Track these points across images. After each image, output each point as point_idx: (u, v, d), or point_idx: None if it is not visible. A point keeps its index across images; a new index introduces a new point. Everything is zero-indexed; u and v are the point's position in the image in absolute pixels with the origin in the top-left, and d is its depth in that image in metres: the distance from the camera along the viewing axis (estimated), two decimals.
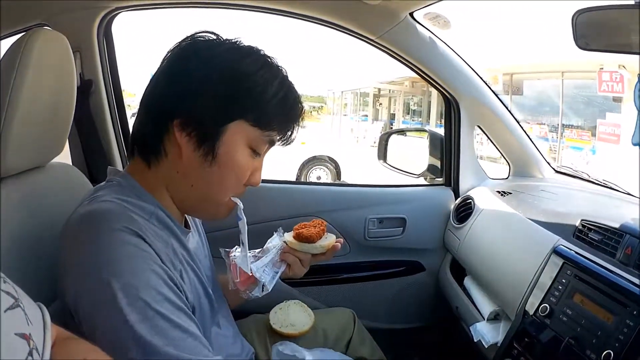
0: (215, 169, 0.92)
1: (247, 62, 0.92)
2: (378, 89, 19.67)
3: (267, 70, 0.93)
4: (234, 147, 0.92)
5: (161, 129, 0.92)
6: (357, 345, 1.53)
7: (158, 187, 0.95)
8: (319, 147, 10.25)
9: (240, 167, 0.95)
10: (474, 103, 2.04)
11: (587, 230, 1.36)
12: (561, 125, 11.09)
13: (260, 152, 0.98)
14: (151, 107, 0.95)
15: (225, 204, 1.00)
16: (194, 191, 0.95)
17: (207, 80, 0.89)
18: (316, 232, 1.21)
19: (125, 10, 1.81)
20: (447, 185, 2.18)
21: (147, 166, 0.95)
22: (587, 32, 1.31)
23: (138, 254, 0.78)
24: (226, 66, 0.90)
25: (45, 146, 1.08)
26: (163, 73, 0.94)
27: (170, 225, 0.95)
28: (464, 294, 1.82)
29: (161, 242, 0.86)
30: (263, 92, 0.91)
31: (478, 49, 10.59)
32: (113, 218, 0.80)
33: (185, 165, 0.92)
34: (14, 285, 0.55)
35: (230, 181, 0.96)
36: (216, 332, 1.08)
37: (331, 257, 1.24)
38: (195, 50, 0.93)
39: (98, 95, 1.83)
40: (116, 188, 0.92)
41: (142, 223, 0.83)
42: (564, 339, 1.16)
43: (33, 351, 0.51)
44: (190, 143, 0.90)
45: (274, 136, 0.97)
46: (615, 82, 8.79)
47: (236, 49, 0.94)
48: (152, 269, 0.79)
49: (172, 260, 0.87)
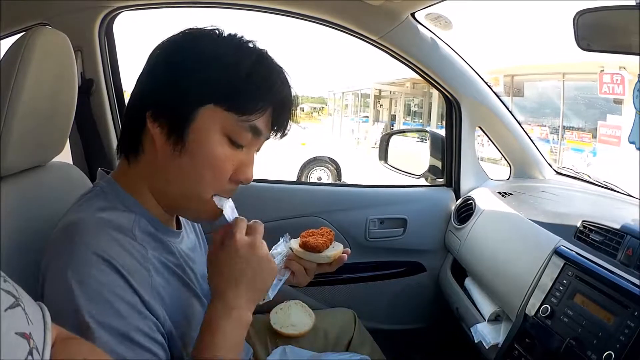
0: (187, 160, 0.87)
1: (219, 44, 0.88)
2: (379, 90, 19.64)
3: (239, 51, 0.88)
4: (205, 135, 0.86)
5: (137, 124, 0.89)
6: (357, 346, 1.53)
7: (140, 187, 0.93)
8: (319, 148, 10.24)
9: (215, 158, 0.88)
10: (475, 104, 2.04)
11: (588, 231, 1.36)
12: (562, 126, 11.09)
13: (242, 143, 0.90)
14: (131, 106, 0.93)
15: (208, 202, 0.92)
16: (170, 186, 0.91)
17: (175, 68, 0.86)
18: (323, 241, 1.17)
19: (126, 9, 1.81)
20: (448, 186, 2.18)
21: (128, 165, 0.94)
22: (588, 33, 1.31)
23: (106, 282, 0.78)
24: (195, 51, 0.87)
25: (46, 145, 1.08)
26: (141, 73, 0.93)
27: (154, 233, 0.93)
28: (465, 295, 1.82)
29: (134, 258, 0.84)
30: (235, 73, 0.86)
31: (479, 50, 10.59)
32: (86, 241, 0.79)
33: (160, 159, 0.88)
34: (14, 284, 0.54)
35: (207, 174, 0.89)
36: None
37: (336, 268, 1.20)
38: (169, 43, 0.91)
39: (99, 95, 1.83)
40: (100, 196, 0.90)
41: (115, 243, 0.82)
42: (564, 339, 1.15)
43: (33, 350, 0.50)
44: (162, 134, 0.86)
45: (253, 121, 0.88)
46: (616, 84, 8.78)
47: (207, 36, 0.90)
48: (117, 296, 0.78)
49: (144, 276, 0.84)
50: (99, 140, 1.83)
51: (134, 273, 0.81)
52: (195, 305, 0.98)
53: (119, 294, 0.78)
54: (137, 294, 0.81)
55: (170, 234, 0.98)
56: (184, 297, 0.95)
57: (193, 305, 0.98)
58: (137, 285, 0.81)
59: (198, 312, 0.99)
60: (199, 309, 0.99)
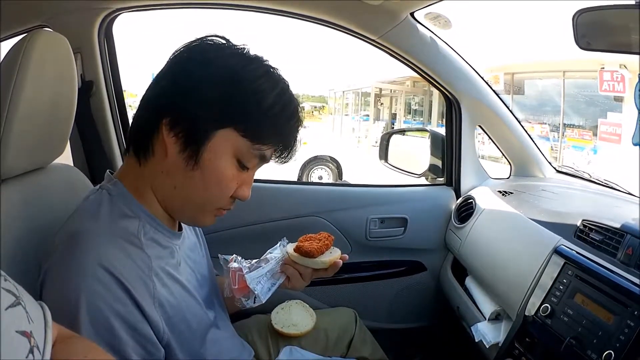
0: (198, 174, 0.90)
1: (248, 69, 0.89)
2: (379, 89, 19.64)
3: (267, 80, 0.90)
4: (219, 155, 0.89)
5: (151, 126, 0.90)
6: (358, 345, 1.54)
7: (145, 188, 0.94)
8: (320, 147, 10.23)
9: (224, 178, 0.92)
10: (475, 103, 2.04)
11: (588, 230, 1.36)
12: (562, 124, 11.08)
13: (248, 166, 0.94)
14: (146, 103, 0.93)
15: (209, 213, 0.97)
16: (176, 193, 0.93)
17: (202, 81, 0.87)
18: (318, 246, 1.17)
19: (126, 11, 1.81)
20: (449, 185, 2.19)
21: (138, 163, 0.94)
22: (587, 32, 1.31)
23: (105, 297, 0.79)
24: (225, 69, 0.88)
25: (47, 147, 1.08)
26: (163, 71, 0.93)
27: (158, 238, 0.94)
28: (465, 294, 1.82)
29: (140, 269, 0.85)
30: (258, 102, 0.88)
31: (479, 48, 10.60)
32: (95, 252, 0.80)
33: (169, 166, 0.90)
34: (15, 284, 0.55)
35: (213, 190, 0.92)
36: (215, 333, 1.07)
37: (332, 274, 1.21)
38: (198, 52, 0.91)
39: (99, 96, 1.83)
40: (106, 200, 0.91)
41: (123, 253, 0.84)
42: (565, 339, 1.15)
43: (34, 349, 0.51)
44: (176, 144, 0.88)
45: (264, 151, 0.92)
46: (617, 82, 8.78)
47: (239, 55, 0.91)
48: (115, 313, 0.79)
49: (148, 288, 0.86)
50: (100, 142, 1.84)
51: (137, 286, 0.83)
52: (196, 311, 1.00)
53: (117, 310, 0.80)
54: (139, 306, 0.82)
55: (173, 235, 1.00)
56: (185, 304, 0.96)
57: (194, 311, 0.99)
58: (139, 297, 0.82)
59: (198, 318, 1.00)
60: (199, 314, 1.01)
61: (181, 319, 0.93)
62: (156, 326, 0.85)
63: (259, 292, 1.12)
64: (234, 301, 1.15)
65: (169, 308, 0.90)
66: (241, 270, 1.14)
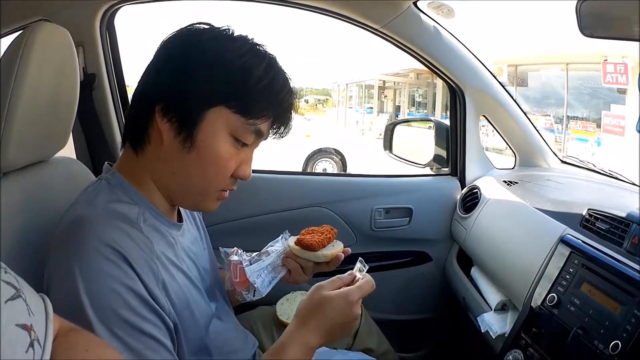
0: (195, 157, 0.90)
1: (231, 48, 0.89)
2: (383, 81, 19.63)
3: (252, 56, 0.90)
4: (213, 135, 0.90)
5: (145, 116, 0.91)
6: (364, 336, 1.53)
7: (144, 178, 0.95)
8: (324, 140, 10.24)
9: (221, 157, 0.91)
10: (479, 92, 2.03)
11: (594, 220, 1.35)
12: (566, 116, 11.05)
13: (245, 142, 0.93)
14: (138, 96, 0.94)
15: (211, 196, 0.97)
16: (175, 179, 0.93)
17: (188, 66, 0.88)
18: (319, 240, 1.17)
19: (127, 3, 1.81)
20: (453, 175, 2.18)
21: (135, 154, 0.95)
22: (591, 21, 1.30)
23: (116, 275, 0.78)
24: (210, 50, 0.89)
25: (49, 140, 1.07)
26: (151, 63, 0.94)
27: (158, 226, 0.94)
28: (471, 285, 1.82)
29: (143, 251, 0.85)
30: (246, 78, 0.88)
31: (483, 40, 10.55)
32: (96, 233, 0.80)
33: (166, 152, 0.91)
34: (15, 276, 0.54)
35: (212, 171, 0.92)
36: (217, 325, 1.07)
37: (334, 268, 1.21)
38: (182, 38, 0.92)
39: (101, 89, 1.83)
40: (105, 189, 0.91)
41: (125, 234, 0.83)
42: (571, 329, 1.15)
43: (34, 342, 0.50)
44: (170, 130, 0.89)
45: (259, 125, 0.92)
46: (620, 74, 8.78)
47: (222, 36, 0.92)
48: (127, 287, 0.79)
49: (152, 269, 0.85)
50: (102, 135, 1.84)
51: (142, 265, 0.82)
52: (198, 301, 0.99)
53: (129, 285, 0.79)
54: (145, 286, 0.82)
55: (173, 226, 1.00)
56: (188, 292, 0.96)
57: (197, 301, 0.99)
58: (145, 278, 0.82)
59: (201, 307, 1.00)
60: (202, 304, 1.00)
61: (185, 306, 0.93)
62: (163, 307, 0.85)
63: (259, 286, 1.12)
64: (235, 294, 1.15)
65: (172, 293, 0.89)
66: (242, 263, 1.14)
